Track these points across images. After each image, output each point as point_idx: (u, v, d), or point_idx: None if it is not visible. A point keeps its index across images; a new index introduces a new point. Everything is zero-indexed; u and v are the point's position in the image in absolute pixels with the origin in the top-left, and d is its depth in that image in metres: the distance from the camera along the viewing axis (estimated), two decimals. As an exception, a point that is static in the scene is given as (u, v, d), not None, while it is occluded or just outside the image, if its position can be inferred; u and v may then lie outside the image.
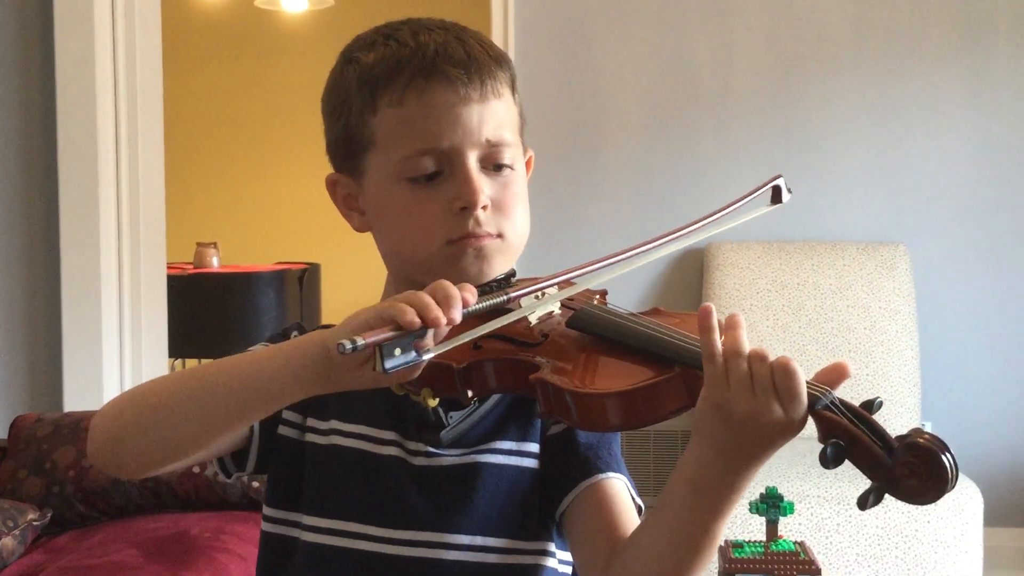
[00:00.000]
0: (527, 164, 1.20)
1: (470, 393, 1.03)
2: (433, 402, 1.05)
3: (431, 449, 1.11)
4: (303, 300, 4.72)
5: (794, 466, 2.97)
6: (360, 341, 0.87)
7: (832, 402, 0.89)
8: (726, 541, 2.18)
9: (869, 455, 0.87)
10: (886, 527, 2.88)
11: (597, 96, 3.74)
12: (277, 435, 1.17)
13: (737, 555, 2.11)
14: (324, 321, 1.46)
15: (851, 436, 0.87)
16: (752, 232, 3.69)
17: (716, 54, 3.71)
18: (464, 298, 0.92)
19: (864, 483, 0.88)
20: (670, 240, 1.03)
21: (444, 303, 0.91)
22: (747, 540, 2.16)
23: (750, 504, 2.14)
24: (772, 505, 2.11)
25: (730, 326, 0.93)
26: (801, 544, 2.14)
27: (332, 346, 0.89)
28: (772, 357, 0.91)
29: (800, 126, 3.70)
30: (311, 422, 1.16)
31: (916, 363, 3.47)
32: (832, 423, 0.88)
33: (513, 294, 0.98)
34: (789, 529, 2.78)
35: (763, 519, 2.14)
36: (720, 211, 1.06)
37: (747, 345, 0.92)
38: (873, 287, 3.50)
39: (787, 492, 2.10)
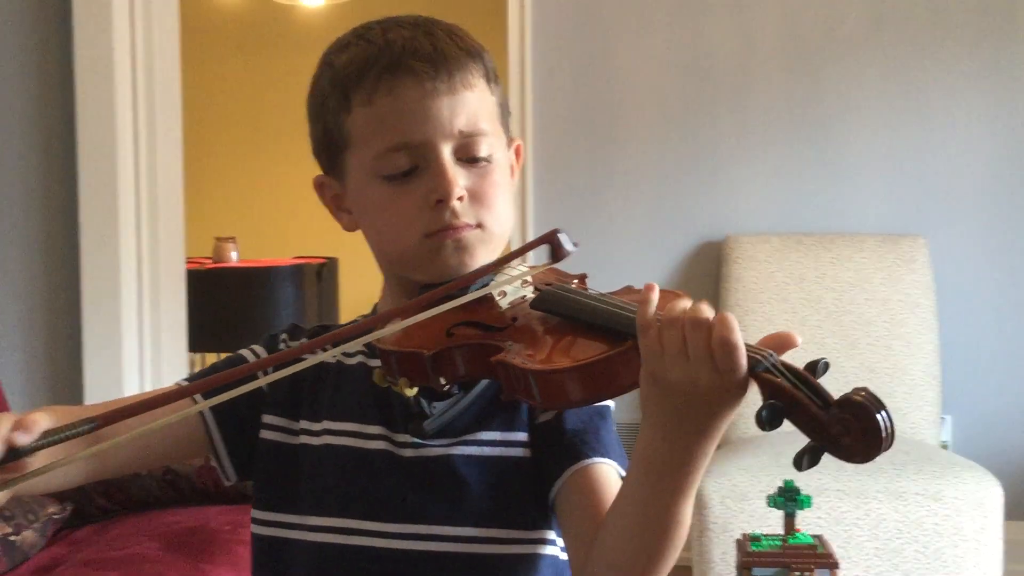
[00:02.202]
0: (516, 153, 1.20)
1: (442, 380, 1.04)
2: (411, 391, 1.05)
3: (417, 440, 1.11)
4: (321, 295, 4.74)
5: (813, 460, 2.95)
6: None
7: (773, 364, 0.88)
8: (743, 535, 2.18)
9: (808, 416, 0.86)
10: (905, 521, 2.87)
11: (614, 89, 3.73)
12: (259, 440, 1.18)
13: (755, 548, 2.11)
14: (343, 317, 1.47)
15: (791, 398, 0.86)
16: (770, 224, 3.68)
17: (734, 46, 3.70)
18: (9, 439, 0.87)
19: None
20: (440, 301, 1.02)
21: None
22: (765, 534, 2.16)
23: (768, 498, 2.13)
24: (790, 498, 2.11)
25: (670, 299, 0.93)
26: (819, 538, 2.14)
27: None
28: (710, 316, 0.89)
29: (819, 118, 3.68)
30: (304, 424, 1.16)
31: (936, 356, 3.45)
32: (772, 386, 0.87)
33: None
34: (807, 523, 2.77)
35: (781, 512, 2.13)
36: (494, 265, 1.06)
37: (684, 313, 0.90)
38: (892, 280, 3.48)
39: (804, 485, 2.10)
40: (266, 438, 1.18)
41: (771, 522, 2.78)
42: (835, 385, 0.83)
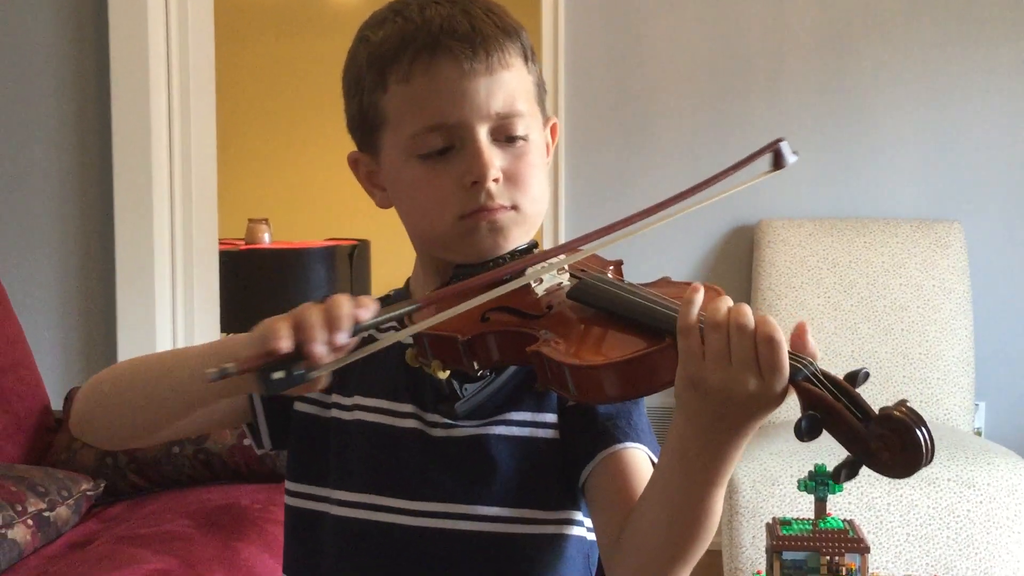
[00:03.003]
0: (552, 132, 1.19)
1: (476, 365, 1.03)
2: (443, 374, 1.05)
3: (448, 420, 1.11)
4: (353, 276, 4.76)
5: (844, 445, 2.94)
6: (230, 368, 0.87)
7: (813, 373, 0.87)
8: (773, 518, 2.17)
9: (847, 428, 0.85)
10: (937, 507, 2.86)
11: (647, 69, 3.71)
12: (292, 411, 1.18)
13: (785, 532, 2.10)
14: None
15: (829, 408, 0.85)
16: (803, 209, 3.65)
17: (768, 27, 3.67)
18: (355, 315, 0.91)
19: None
20: (672, 207, 1.02)
21: (329, 324, 0.90)
22: (795, 517, 2.15)
23: (799, 482, 2.12)
24: (821, 483, 2.10)
25: (711, 298, 0.91)
26: (850, 522, 2.12)
27: (205, 371, 0.88)
28: (752, 324, 0.88)
29: (853, 102, 3.65)
30: (336, 398, 1.17)
31: (970, 342, 3.43)
32: (812, 395, 0.86)
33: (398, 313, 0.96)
34: (838, 507, 2.76)
35: (811, 497, 2.12)
36: (719, 175, 1.04)
37: (728, 317, 0.89)
38: (927, 265, 3.46)
39: (837, 470, 2.08)
40: (300, 410, 1.18)
41: (802, 506, 2.77)
42: (871, 373, 0.82)
